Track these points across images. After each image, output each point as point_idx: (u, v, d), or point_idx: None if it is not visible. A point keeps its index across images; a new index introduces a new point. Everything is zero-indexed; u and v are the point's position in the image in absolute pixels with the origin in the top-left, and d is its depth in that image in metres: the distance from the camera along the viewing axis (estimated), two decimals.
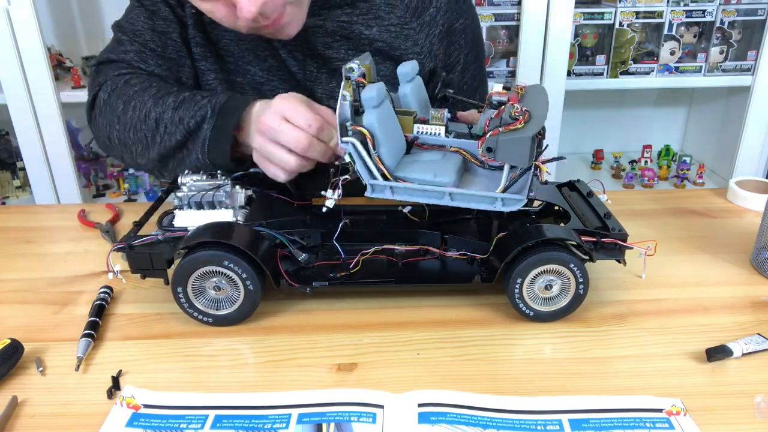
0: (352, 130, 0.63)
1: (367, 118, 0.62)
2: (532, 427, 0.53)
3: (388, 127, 0.65)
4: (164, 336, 0.65)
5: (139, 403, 0.55)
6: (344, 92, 0.63)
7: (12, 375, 0.59)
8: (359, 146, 0.63)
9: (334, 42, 0.91)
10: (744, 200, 0.94)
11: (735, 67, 1.75)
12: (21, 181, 1.85)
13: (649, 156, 2.00)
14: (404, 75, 0.71)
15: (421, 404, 0.55)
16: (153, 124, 0.78)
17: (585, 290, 0.65)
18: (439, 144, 0.69)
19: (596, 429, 0.52)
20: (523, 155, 0.58)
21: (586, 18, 1.68)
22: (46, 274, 0.77)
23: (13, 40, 1.49)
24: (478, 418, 0.54)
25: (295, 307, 0.70)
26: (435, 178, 0.64)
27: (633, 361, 0.60)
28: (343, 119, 0.63)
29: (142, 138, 0.80)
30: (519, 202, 0.62)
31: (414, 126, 0.69)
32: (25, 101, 1.55)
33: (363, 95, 0.62)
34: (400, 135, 0.68)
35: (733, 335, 0.63)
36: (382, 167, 0.64)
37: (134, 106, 0.80)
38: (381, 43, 0.92)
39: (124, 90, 0.82)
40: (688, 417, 0.53)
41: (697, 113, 2.09)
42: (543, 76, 1.66)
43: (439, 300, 0.70)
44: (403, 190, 0.64)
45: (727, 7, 1.68)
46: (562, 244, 0.64)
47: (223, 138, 0.75)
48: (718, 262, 0.78)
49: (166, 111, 0.77)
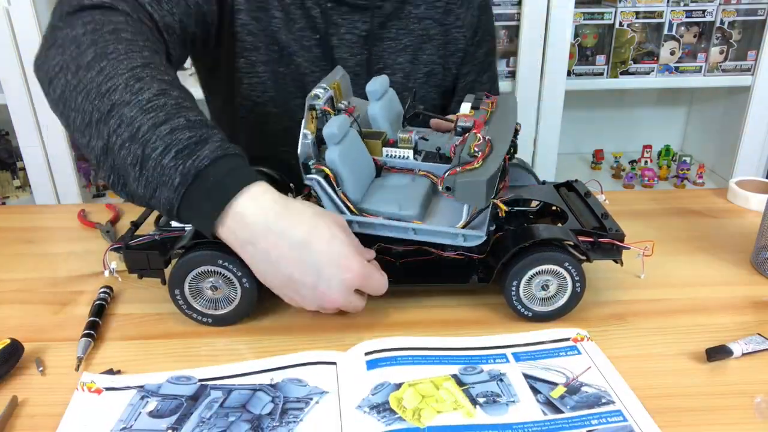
0: (315, 169, 0.64)
1: (329, 156, 0.63)
2: (483, 361, 0.59)
3: (353, 160, 0.65)
4: (164, 336, 0.65)
5: (101, 387, 0.56)
6: (305, 130, 0.63)
7: (12, 375, 0.59)
8: (324, 183, 0.64)
9: (388, 22, 0.92)
10: (744, 200, 0.94)
11: (735, 67, 1.75)
12: (21, 181, 1.85)
13: (649, 156, 2.00)
14: (373, 93, 0.71)
15: (367, 353, 0.59)
16: (107, 105, 0.59)
17: (582, 288, 0.65)
18: (408, 167, 0.70)
19: (533, 358, 0.60)
20: (479, 197, 0.59)
21: (586, 18, 1.69)
22: (46, 274, 0.77)
23: (13, 40, 1.49)
24: (431, 357, 0.59)
25: (295, 307, 0.69)
26: (400, 211, 0.65)
27: (633, 360, 0.60)
28: (305, 158, 0.64)
29: (87, 111, 0.60)
30: (479, 238, 0.63)
31: (383, 149, 0.70)
32: (25, 101, 1.56)
33: (324, 132, 0.62)
34: (368, 162, 0.69)
35: (733, 335, 0.63)
36: (347, 202, 0.65)
37: (102, 69, 0.60)
38: (429, 21, 0.94)
39: (104, 36, 0.63)
40: (591, 342, 0.62)
41: (697, 113, 2.09)
42: (543, 76, 1.66)
43: (439, 300, 0.70)
44: (368, 225, 0.66)
45: (727, 7, 1.68)
46: (558, 244, 0.65)
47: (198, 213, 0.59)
48: (718, 262, 0.78)
49: (131, 104, 0.58)
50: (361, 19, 0.90)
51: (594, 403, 0.53)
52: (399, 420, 0.51)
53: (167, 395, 0.55)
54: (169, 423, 0.52)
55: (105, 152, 0.59)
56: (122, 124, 0.58)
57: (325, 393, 0.55)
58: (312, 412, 0.53)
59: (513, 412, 0.52)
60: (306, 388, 0.55)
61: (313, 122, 0.64)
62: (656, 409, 0.53)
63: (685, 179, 1.92)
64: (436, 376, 0.56)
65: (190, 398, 0.54)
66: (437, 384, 0.55)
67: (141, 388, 0.56)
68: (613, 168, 1.99)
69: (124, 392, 0.55)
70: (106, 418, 0.52)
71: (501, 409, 0.53)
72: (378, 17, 0.91)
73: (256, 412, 0.53)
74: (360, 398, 0.54)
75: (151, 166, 0.57)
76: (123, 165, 0.58)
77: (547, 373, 0.57)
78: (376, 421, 0.51)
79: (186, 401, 0.54)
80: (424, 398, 0.54)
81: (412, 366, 0.58)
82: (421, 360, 0.59)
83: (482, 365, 0.58)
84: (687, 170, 1.93)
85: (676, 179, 1.94)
